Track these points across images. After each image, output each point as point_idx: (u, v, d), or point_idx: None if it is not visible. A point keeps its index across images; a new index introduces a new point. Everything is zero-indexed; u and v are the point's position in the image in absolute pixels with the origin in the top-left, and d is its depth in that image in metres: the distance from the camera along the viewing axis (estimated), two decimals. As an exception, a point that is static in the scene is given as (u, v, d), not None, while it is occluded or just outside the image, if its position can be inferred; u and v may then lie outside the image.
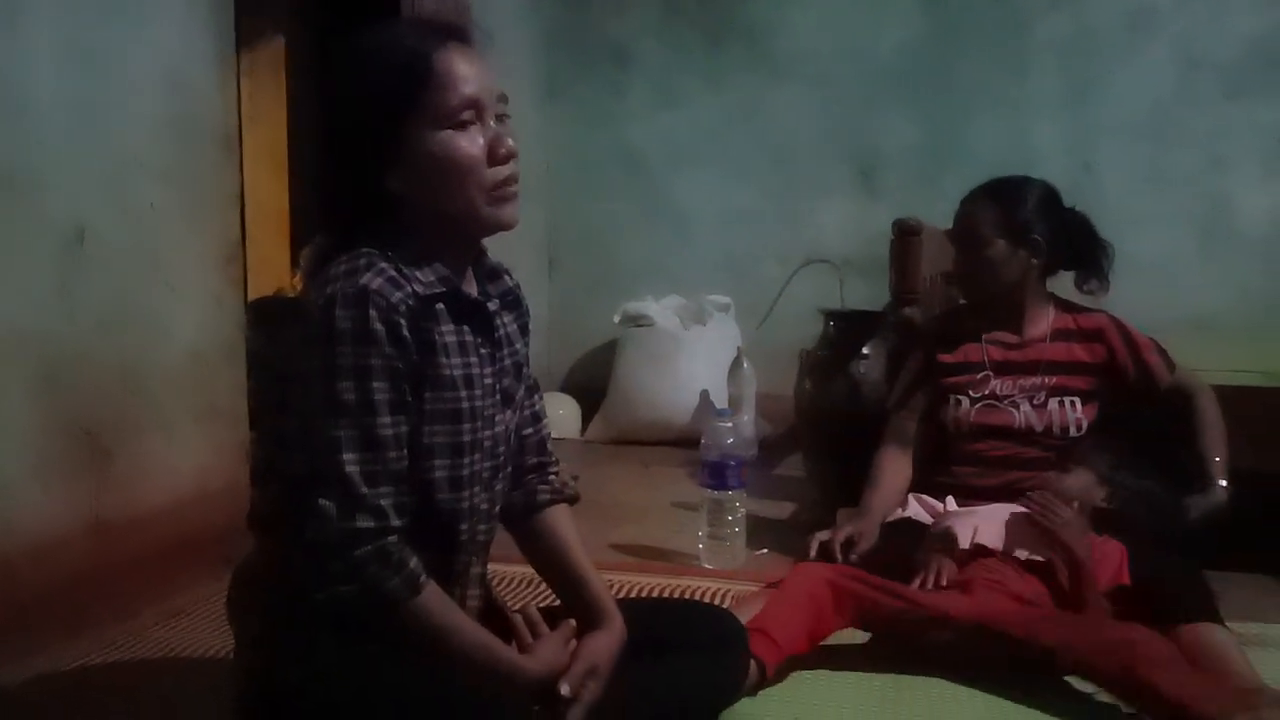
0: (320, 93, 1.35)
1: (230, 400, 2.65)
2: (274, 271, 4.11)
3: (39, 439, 2.11)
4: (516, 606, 1.42)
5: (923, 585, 1.87)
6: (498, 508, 1.41)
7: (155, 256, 2.40)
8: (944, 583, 1.87)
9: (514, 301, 1.44)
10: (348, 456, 1.19)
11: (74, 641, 1.92)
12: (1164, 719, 1.51)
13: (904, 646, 1.79)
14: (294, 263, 4.17)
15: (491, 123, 1.28)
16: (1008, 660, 1.71)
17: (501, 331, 1.38)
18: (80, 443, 2.20)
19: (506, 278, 1.45)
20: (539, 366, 1.59)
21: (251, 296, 3.05)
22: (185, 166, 2.48)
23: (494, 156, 1.27)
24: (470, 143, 1.26)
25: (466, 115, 1.26)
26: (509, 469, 1.43)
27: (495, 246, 1.39)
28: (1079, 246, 2.19)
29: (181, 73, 2.47)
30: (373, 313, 1.20)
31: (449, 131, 1.25)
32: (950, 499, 2.13)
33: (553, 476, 1.51)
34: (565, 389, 4.48)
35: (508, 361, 1.39)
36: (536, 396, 1.51)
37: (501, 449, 1.37)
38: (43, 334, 2.12)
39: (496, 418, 1.35)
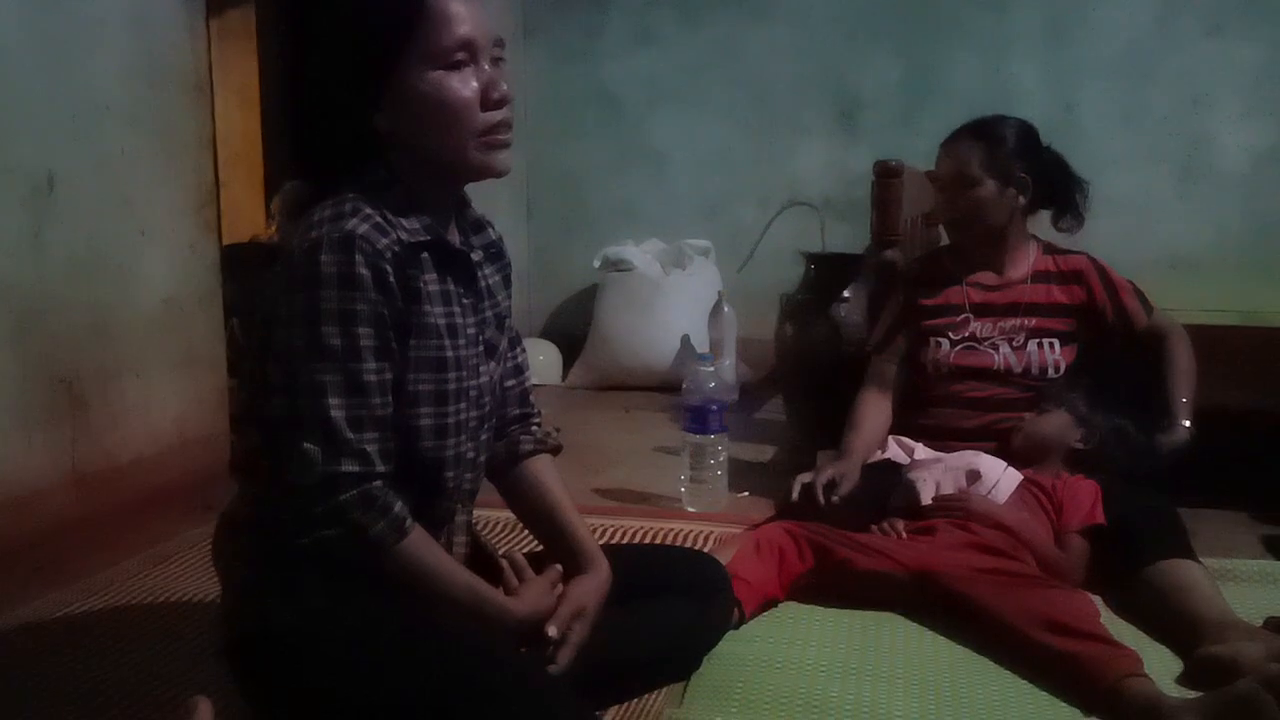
0: (306, 27, 1.31)
1: (207, 347, 2.63)
2: (248, 216, 4.07)
3: (13, 388, 2.09)
4: (502, 551, 1.43)
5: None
6: (483, 457, 1.41)
7: (127, 202, 2.37)
8: (903, 535, 1.90)
9: (497, 254, 1.43)
10: (333, 401, 1.18)
11: (57, 590, 1.92)
12: (1062, 683, 1.51)
13: (866, 591, 1.81)
14: (269, 208, 4.12)
15: (486, 66, 1.25)
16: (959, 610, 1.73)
17: (484, 283, 1.37)
18: (56, 392, 2.18)
19: (490, 230, 1.43)
20: (519, 312, 1.59)
21: (226, 242, 3.02)
22: (155, 110, 2.43)
23: (487, 100, 1.25)
24: (463, 85, 1.24)
25: (460, 56, 1.23)
26: (494, 420, 1.43)
27: (473, 188, 1.37)
28: (1057, 184, 2.19)
29: (149, 15, 2.41)
30: (359, 258, 1.18)
31: (441, 72, 1.23)
32: (920, 445, 2.15)
33: (535, 427, 1.51)
34: (546, 335, 4.47)
35: (489, 313, 1.38)
36: (519, 349, 1.51)
37: (487, 399, 1.37)
38: (14, 282, 2.08)
39: (481, 368, 1.35)
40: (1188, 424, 2.09)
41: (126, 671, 1.61)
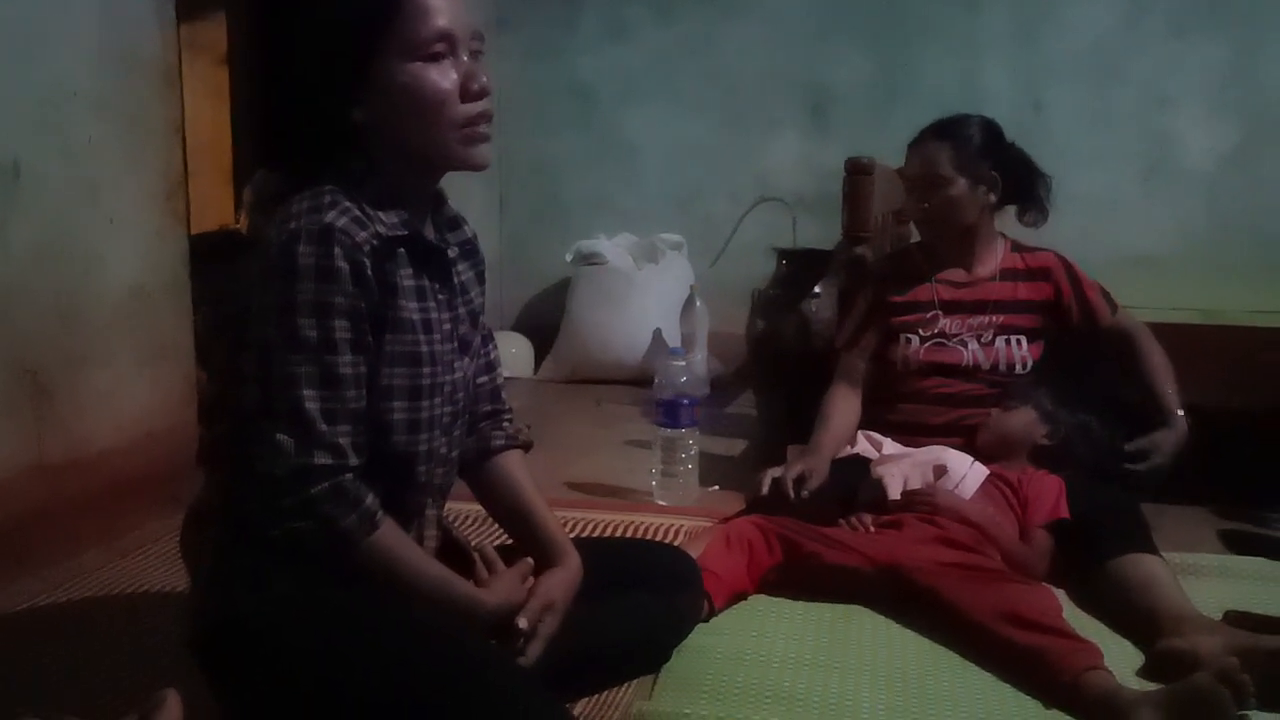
0: (282, 18, 1.31)
1: (175, 338, 2.60)
2: (216, 206, 4.03)
3: (-23, 378, 2.06)
4: (474, 544, 1.44)
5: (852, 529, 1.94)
6: (456, 452, 1.41)
7: (94, 191, 2.34)
8: (870, 529, 1.92)
9: (471, 250, 1.43)
10: (307, 393, 1.18)
11: (22, 581, 1.91)
12: (1024, 676, 1.54)
13: (833, 585, 1.83)
14: (238, 198, 4.08)
15: (465, 58, 1.26)
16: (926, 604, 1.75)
17: (458, 279, 1.38)
18: (21, 381, 2.15)
19: (465, 227, 1.43)
20: (491, 304, 1.59)
21: (194, 231, 2.99)
22: (124, 98, 2.41)
23: (466, 92, 1.25)
24: (442, 76, 1.24)
25: (439, 48, 1.23)
26: (467, 415, 1.43)
27: (445, 180, 1.37)
28: (1022, 179, 2.22)
29: (117, 1, 2.38)
30: (337, 250, 1.18)
31: (420, 63, 1.23)
32: (888, 440, 2.17)
33: (506, 423, 1.51)
34: (517, 328, 4.46)
35: (463, 309, 1.38)
36: (491, 345, 1.51)
37: (460, 395, 1.37)
38: (-22, 271, 2.06)
39: (455, 364, 1.35)
40: (1182, 414, 2.12)
41: (92, 663, 1.60)
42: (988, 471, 2.03)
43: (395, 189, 1.28)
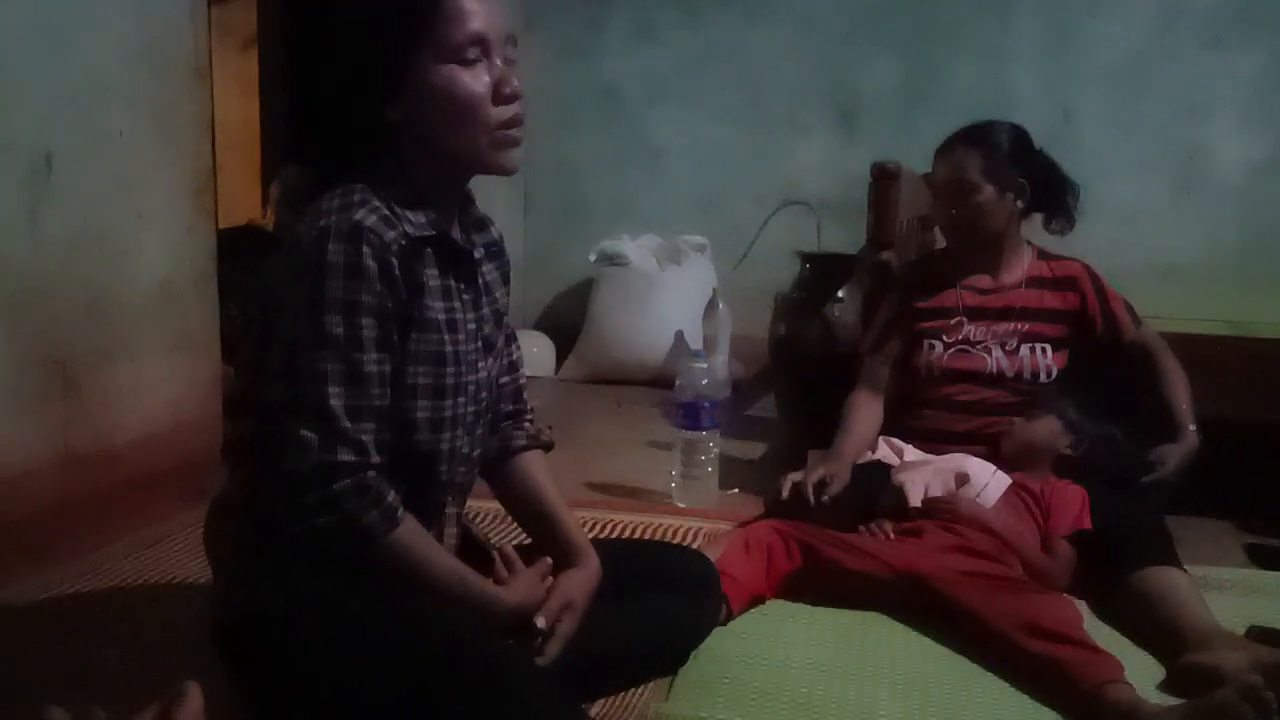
0: (317, 17, 1.32)
1: (202, 331, 2.62)
2: (245, 201, 4.06)
3: (6, 368, 2.08)
4: (493, 543, 1.44)
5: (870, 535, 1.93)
6: (477, 452, 1.41)
7: (125, 184, 2.36)
8: (890, 536, 1.91)
9: (497, 251, 1.44)
10: (332, 390, 1.19)
11: (46, 571, 1.92)
12: (1044, 687, 1.52)
13: (852, 591, 1.82)
14: (265, 193, 4.12)
15: (498, 62, 1.26)
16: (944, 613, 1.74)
17: (483, 280, 1.38)
18: (49, 373, 2.18)
19: (492, 229, 1.44)
20: (514, 304, 1.60)
21: (222, 226, 3.01)
22: (155, 93, 2.43)
23: (499, 96, 1.26)
24: (475, 79, 1.25)
25: (473, 51, 1.24)
26: (490, 415, 1.43)
27: (471, 181, 1.38)
28: (1050, 187, 2.20)
29: (150, -3, 2.41)
30: (366, 249, 1.19)
31: (454, 66, 1.24)
32: (910, 447, 2.16)
33: (528, 423, 1.52)
34: (540, 327, 4.47)
35: (488, 310, 1.39)
36: (514, 345, 1.52)
37: (484, 394, 1.38)
38: (9, 262, 2.08)
39: (479, 363, 1.36)
40: (1194, 428, 2.11)
41: (115, 654, 1.61)
42: (1010, 480, 2.02)
43: (424, 189, 1.29)
